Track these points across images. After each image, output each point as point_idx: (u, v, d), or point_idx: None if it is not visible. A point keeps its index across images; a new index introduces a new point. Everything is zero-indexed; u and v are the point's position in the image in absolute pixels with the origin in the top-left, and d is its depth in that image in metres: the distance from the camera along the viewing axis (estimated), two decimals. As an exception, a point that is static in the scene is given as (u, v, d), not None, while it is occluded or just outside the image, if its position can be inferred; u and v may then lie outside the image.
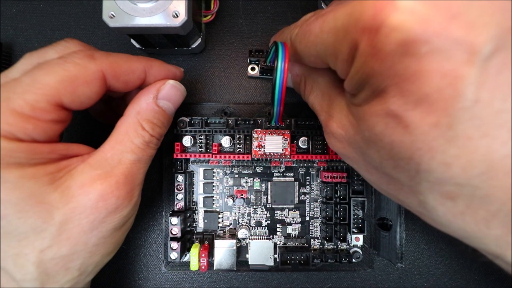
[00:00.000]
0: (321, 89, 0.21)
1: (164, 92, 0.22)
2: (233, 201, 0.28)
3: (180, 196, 0.27)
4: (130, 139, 0.20)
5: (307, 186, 0.29)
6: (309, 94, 0.22)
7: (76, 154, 0.20)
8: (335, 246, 0.29)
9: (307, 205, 0.29)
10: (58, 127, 0.19)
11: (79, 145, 0.21)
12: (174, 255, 0.26)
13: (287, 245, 0.29)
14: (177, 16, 0.22)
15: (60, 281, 0.20)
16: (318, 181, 0.29)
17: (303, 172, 0.29)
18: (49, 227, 0.18)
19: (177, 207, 0.28)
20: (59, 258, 0.19)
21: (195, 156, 0.27)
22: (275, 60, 0.18)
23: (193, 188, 0.29)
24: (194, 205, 0.29)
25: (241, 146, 0.27)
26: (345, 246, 0.29)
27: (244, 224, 0.29)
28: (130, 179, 0.20)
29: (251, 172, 0.29)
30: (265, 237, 0.29)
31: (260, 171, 0.29)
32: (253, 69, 0.29)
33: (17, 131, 0.17)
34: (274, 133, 0.26)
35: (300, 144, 0.27)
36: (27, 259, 0.18)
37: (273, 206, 0.29)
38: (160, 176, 0.29)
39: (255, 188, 0.29)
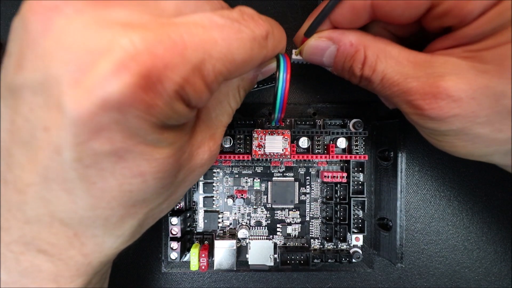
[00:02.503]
0: (396, 56, 0.19)
1: (267, 69, 0.21)
2: (233, 201, 0.28)
3: (180, 196, 0.27)
4: (229, 102, 0.20)
5: (307, 186, 0.29)
6: (374, 64, 0.19)
7: None
8: (335, 246, 0.29)
9: (307, 205, 0.29)
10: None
11: None
12: (174, 255, 0.26)
13: (287, 245, 0.29)
14: None
15: (142, 232, 0.19)
16: (318, 181, 0.29)
17: (303, 172, 0.29)
18: (170, 187, 0.17)
19: (177, 207, 0.28)
20: (158, 212, 0.18)
21: (195, 156, 0.27)
22: (277, 71, 0.18)
23: (193, 188, 0.29)
24: (194, 205, 0.29)
25: (241, 146, 0.27)
26: (345, 246, 0.29)
27: (244, 224, 0.29)
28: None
29: (251, 172, 0.29)
30: (265, 237, 0.29)
31: (260, 171, 0.29)
32: None
33: (193, 98, 0.14)
34: (274, 133, 0.26)
35: (300, 144, 0.27)
36: (134, 218, 0.17)
37: (273, 206, 0.29)
38: (160, 176, 0.29)
39: (255, 188, 0.29)
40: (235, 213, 0.29)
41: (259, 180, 0.29)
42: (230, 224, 0.29)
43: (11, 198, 0.15)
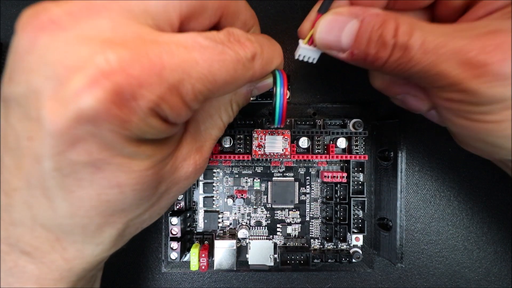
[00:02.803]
0: (429, 25, 0.17)
1: (261, 85, 0.20)
2: (233, 201, 0.28)
3: (180, 196, 0.27)
4: (220, 116, 0.20)
5: (307, 186, 0.29)
6: (410, 30, 0.17)
7: None
8: (335, 246, 0.29)
9: (307, 205, 0.29)
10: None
11: None
12: (174, 255, 0.26)
13: (287, 245, 0.29)
14: None
15: (125, 241, 0.19)
16: (318, 181, 0.29)
17: (303, 172, 0.29)
18: (150, 199, 0.18)
19: (177, 207, 0.28)
20: (139, 222, 0.19)
21: (195, 156, 0.27)
22: (274, 86, 0.19)
23: (193, 188, 0.29)
24: (194, 205, 0.29)
25: (241, 146, 0.27)
26: (345, 246, 0.29)
27: (244, 224, 0.29)
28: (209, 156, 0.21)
29: (251, 172, 0.29)
30: (265, 237, 0.29)
31: (260, 171, 0.29)
32: None
33: (170, 115, 0.15)
34: (274, 133, 0.26)
35: (300, 144, 0.27)
36: (113, 227, 0.17)
37: (273, 206, 0.29)
38: (160, 176, 0.29)
39: (255, 188, 0.29)
40: (235, 213, 0.29)
41: (259, 180, 0.29)
42: (230, 224, 0.29)
43: (1, 200, 0.16)
